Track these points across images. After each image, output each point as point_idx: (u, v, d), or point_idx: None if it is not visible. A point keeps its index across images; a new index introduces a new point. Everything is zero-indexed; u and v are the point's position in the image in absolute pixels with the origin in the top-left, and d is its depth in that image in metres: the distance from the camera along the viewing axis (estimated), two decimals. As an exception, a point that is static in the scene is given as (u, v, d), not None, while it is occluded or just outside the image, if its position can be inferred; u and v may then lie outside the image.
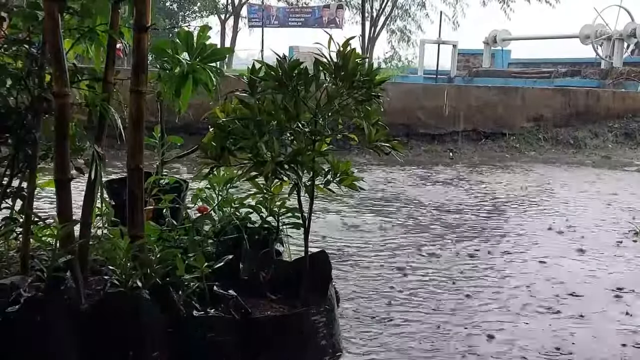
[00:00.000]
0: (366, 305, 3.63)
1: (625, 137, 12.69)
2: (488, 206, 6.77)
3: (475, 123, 11.81)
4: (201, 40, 3.06)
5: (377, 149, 2.84)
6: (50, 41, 2.56)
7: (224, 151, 2.75)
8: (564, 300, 3.84)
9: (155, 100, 3.67)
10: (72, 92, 2.70)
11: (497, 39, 25.53)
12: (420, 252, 4.82)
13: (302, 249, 3.01)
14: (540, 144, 11.94)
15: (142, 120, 2.68)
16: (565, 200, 7.23)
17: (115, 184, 4.15)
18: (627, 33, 21.53)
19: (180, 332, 2.54)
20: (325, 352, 2.78)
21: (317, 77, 2.73)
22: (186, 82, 3.04)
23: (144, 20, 2.63)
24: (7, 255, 2.96)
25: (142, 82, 2.66)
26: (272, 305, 2.96)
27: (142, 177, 2.72)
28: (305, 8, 35.99)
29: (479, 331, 3.32)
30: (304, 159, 2.71)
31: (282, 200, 3.29)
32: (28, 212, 2.77)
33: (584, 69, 21.54)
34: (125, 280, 2.52)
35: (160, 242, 2.88)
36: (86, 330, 2.43)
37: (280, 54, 2.76)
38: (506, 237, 5.46)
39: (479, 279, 4.21)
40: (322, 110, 2.74)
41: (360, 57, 2.73)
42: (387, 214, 6.14)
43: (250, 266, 3.10)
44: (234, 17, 36.84)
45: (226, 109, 2.80)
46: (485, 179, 8.65)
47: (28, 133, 2.73)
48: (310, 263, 2.98)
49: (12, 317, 2.30)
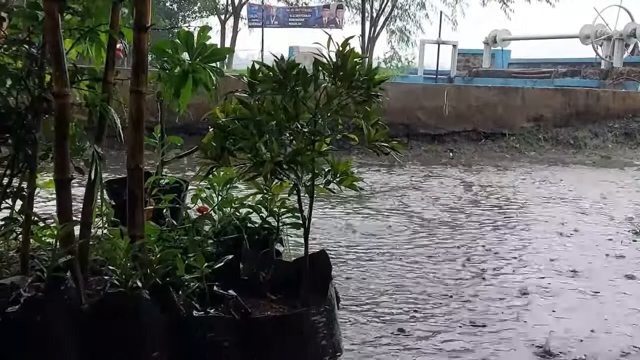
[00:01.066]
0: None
1: (625, 137, 12.69)
2: (488, 205, 6.77)
3: (475, 123, 11.81)
4: (201, 41, 3.06)
5: (377, 149, 2.83)
6: (50, 41, 2.56)
7: (223, 151, 2.75)
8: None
9: (155, 100, 3.66)
10: (72, 93, 2.70)
11: (497, 39, 25.53)
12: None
13: (301, 249, 3.01)
14: (540, 144, 11.94)
15: (142, 120, 2.68)
16: (566, 200, 7.23)
17: (115, 184, 4.15)
18: (627, 33, 21.54)
19: (180, 332, 2.54)
20: (325, 352, 2.78)
21: (317, 77, 2.73)
22: (186, 81, 3.03)
23: (144, 21, 2.63)
24: (7, 255, 2.96)
25: (142, 82, 2.66)
26: (272, 306, 2.96)
27: (142, 177, 2.72)
28: (305, 8, 35.97)
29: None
30: (304, 159, 2.70)
31: (282, 200, 3.29)
32: (28, 212, 2.77)
33: (584, 69, 21.54)
34: (125, 280, 2.52)
35: (160, 242, 2.88)
36: (86, 330, 2.43)
37: (278, 55, 2.75)
38: (506, 237, 5.47)
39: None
40: (321, 111, 2.74)
41: (359, 57, 2.73)
42: (389, 213, 6.14)
43: (250, 266, 3.10)
44: (234, 17, 36.82)
45: (226, 110, 2.79)
46: (485, 179, 8.65)
47: (28, 133, 2.73)
48: (311, 263, 2.98)
49: (12, 317, 2.30)
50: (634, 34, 21.37)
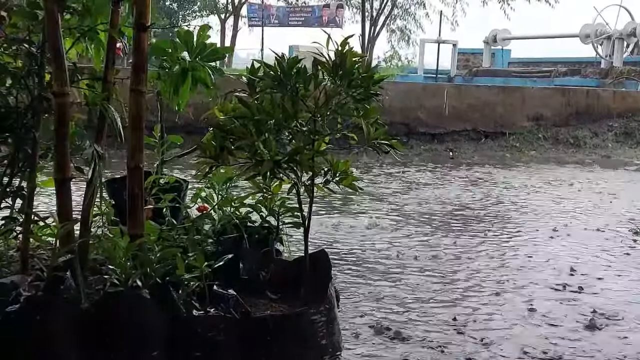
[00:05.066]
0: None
1: (625, 136, 12.68)
2: (489, 205, 6.77)
3: (475, 122, 11.81)
4: (201, 40, 3.06)
5: (376, 147, 2.83)
6: (50, 40, 2.56)
7: (222, 151, 2.75)
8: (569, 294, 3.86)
9: (155, 99, 3.66)
10: (72, 92, 2.70)
11: (497, 39, 25.52)
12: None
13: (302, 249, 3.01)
14: (540, 143, 11.94)
15: (142, 119, 2.68)
16: (566, 200, 7.23)
17: (115, 183, 4.14)
18: (627, 32, 21.51)
19: (180, 332, 2.54)
20: (325, 351, 2.78)
21: (316, 75, 2.73)
22: (185, 80, 3.04)
23: (143, 20, 2.63)
24: (7, 254, 2.96)
25: (142, 81, 2.66)
26: (272, 305, 2.96)
27: (142, 177, 2.72)
28: (305, 7, 35.97)
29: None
30: (302, 158, 2.70)
31: (282, 200, 3.29)
32: (28, 211, 2.77)
33: (584, 68, 21.53)
34: (125, 279, 2.52)
35: (160, 242, 2.88)
36: (86, 329, 2.43)
37: (279, 53, 2.76)
38: (505, 235, 5.47)
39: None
40: (320, 109, 2.74)
41: (358, 56, 2.73)
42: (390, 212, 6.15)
43: (250, 266, 3.10)
44: (234, 16, 36.81)
45: (225, 109, 2.79)
46: (485, 178, 8.64)
47: (28, 132, 2.73)
48: (311, 262, 2.98)
49: (12, 317, 2.31)
50: (634, 33, 21.34)
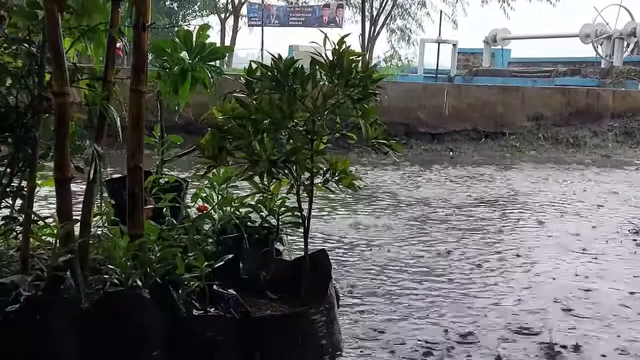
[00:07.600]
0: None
1: (625, 136, 12.68)
2: (489, 204, 6.77)
3: (475, 122, 11.81)
4: (201, 40, 3.06)
5: (375, 147, 2.83)
6: (50, 40, 2.56)
7: (221, 151, 2.75)
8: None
9: (155, 99, 3.66)
10: (72, 91, 2.70)
11: (497, 38, 25.52)
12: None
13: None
14: (540, 143, 11.94)
15: (142, 119, 2.68)
16: (565, 199, 7.23)
17: (115, 183, 4.14)
18: (627, 32, 21.51)
19: (180, 332, 2.54)
20: (325, 351, 2.78)
21: (314, 75, 2.73)
22: (185, 79, 3.04)
23: (143, 20, 2.63)
24: (7, 254, 2.96)
25: (142, 81, 2.66)
26: (272, 305, 2.96)
27: (142, 177, 2.72)
28: (306, 7, 35.93)
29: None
30: (300, 158, 2.70)
31: (282, 199, 3.29)
32: (28, 211, 2.77)
33: (584, 68, 21.52)
34: (125, 279, 2.52)
35: (160, 241, 2.88)
36: (86, 329, 2.43)
37: (275, 54, 2.75)
38: (506, 236, 5.47)
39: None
40: (318, 109, 2.74)
41: (356, 54, 2.72)
42: (391, 212, 6.15)
43: (250, 265, 3.10)
44: (234, 16, 36.79)
45: (224, 109, 2.80)
46: (485, 178, 8.64)
47: (28, 132, 2.73)
48: (311, 262, 2.98)
49: (12, 317, 2.31)
50: (634, 33, 21.34)
